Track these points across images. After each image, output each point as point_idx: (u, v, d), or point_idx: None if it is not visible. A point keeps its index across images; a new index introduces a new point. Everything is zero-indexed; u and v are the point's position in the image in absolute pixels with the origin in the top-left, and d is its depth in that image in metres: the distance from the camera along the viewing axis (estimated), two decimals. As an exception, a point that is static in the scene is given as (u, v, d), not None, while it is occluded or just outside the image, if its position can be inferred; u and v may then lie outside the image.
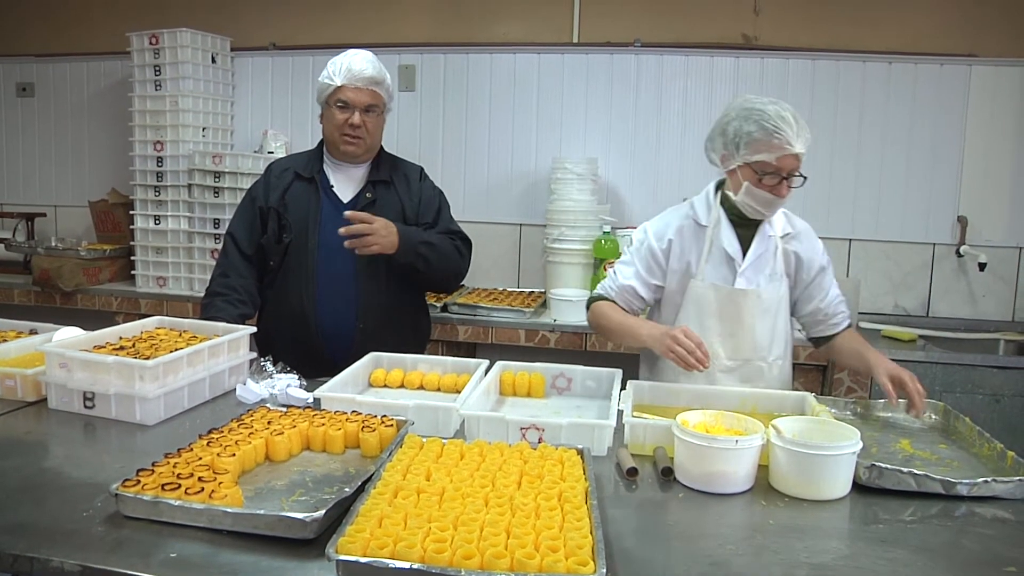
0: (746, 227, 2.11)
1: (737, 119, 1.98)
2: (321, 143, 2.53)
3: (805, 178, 1.99)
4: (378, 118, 2.44)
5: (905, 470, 1.47)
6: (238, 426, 1.58)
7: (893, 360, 1.97)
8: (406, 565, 1.05)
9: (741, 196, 2.01)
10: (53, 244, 3.86)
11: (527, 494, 1.28)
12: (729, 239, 2.10)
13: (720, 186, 2.16)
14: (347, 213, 2.27)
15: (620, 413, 1.70)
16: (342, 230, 2.24)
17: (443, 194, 2.61)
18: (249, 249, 2.46)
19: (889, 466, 1.47)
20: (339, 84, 2.35)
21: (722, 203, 2.13)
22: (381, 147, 2.53)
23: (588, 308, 2.26)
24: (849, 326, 2.21)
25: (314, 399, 1.84)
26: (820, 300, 2.16)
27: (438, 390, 2.04)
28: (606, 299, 2.21)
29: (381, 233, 2.27)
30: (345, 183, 2.47)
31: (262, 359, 2.04)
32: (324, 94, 2.40)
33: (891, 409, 1.95)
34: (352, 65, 2.36)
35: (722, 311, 2.09)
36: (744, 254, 2.10)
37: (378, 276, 2.38)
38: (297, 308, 2.39)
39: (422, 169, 2.60)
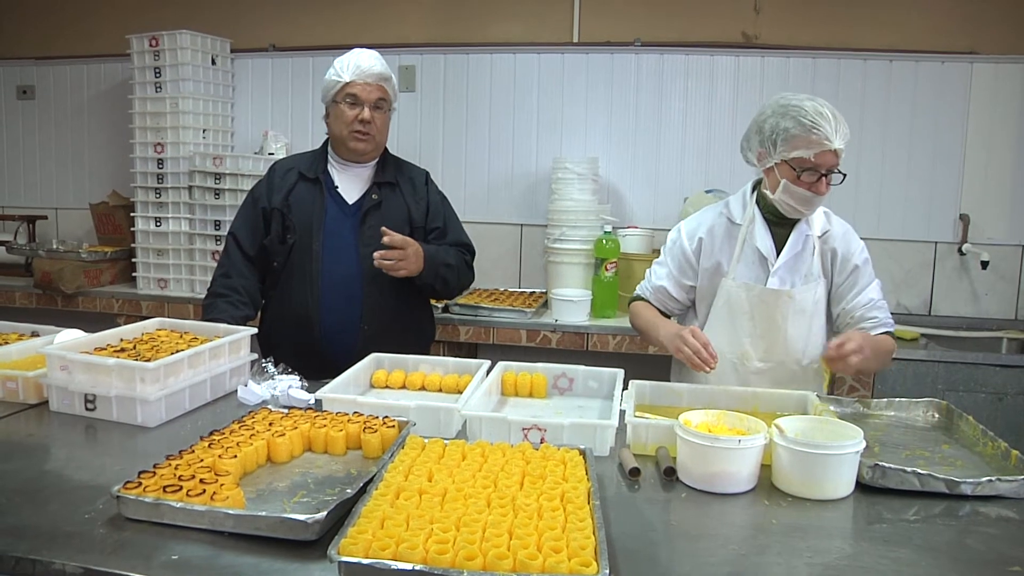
0: (783, 226, 2.09)
1: (774, 116, 1.96)
2: (325, 143, 2.52)
3: (844, 175, 1.97)
4: (386, 115, 2.43)
5: (909, 469, 1.46)
6: (239, 427, 1.58)
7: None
8: (408, 566, 1.05)
9: (779, 194, 1.99)
10: (54, 246, 3.85)
11: (529, 495, 1.27)
12: (763, 238, 2.08)
13: (757, 185, 2.14)
14: (386, 239, 2.27)
15: (622, 413, 1.69)
16: (377, 256, 2.25)
17: (448, 201, 2.61)
18: (251, 250, 2.45)
19: (893, 465, 1.47)
20: (348, 80, 2.35)
21: (758, 202, 2.11)
22: (386, 148, 2.53)
23: (629, 307, 2.30)
24: (887, 335, 2.09)
25: (315, 400, 1.83)
26: (849, 301, 2.10)
27: (439, 391, 2.04)
28: (644, 299, 2.23)
29: (411, 259, 2.30)
30: (350, 184, 2.47)
31: (263, 360, 2.03)
32: (332, 91, 2.39)
33: (894, 408, 1.95)
34: (360, 62, 2.36)
35: (754, 311, 2.08)
36: (778, 254, 2.08)
37: (382, 279, 2.37)
38: (301, 310, 2.39)
39: (428, 173, 2.60)
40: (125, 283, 3.89)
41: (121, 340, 1.98)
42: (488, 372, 2.00)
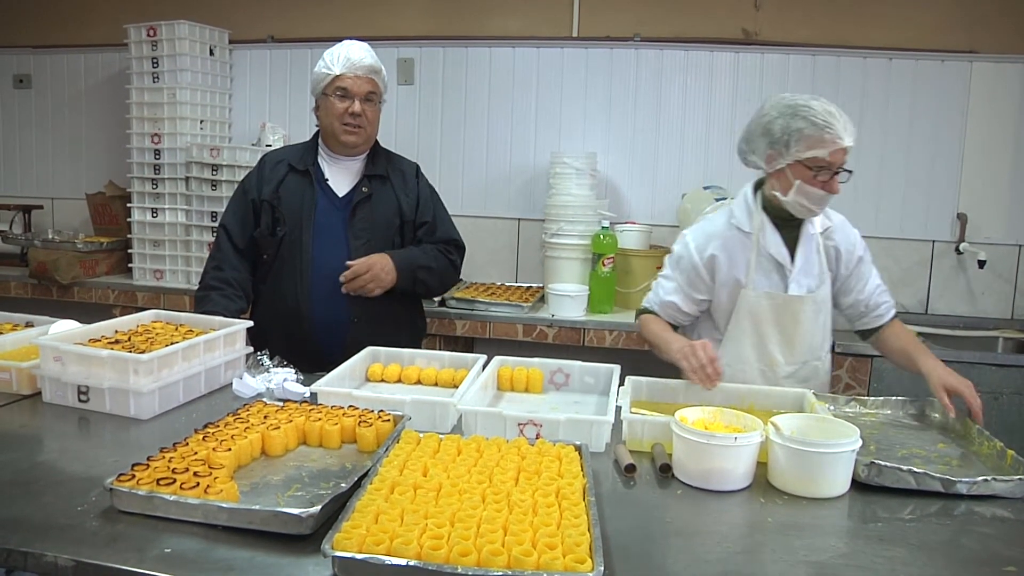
0: (789, 228, 2.09)
1: (782, 117, 1.95)
2: (316, 135, 2.51)
3: (851, 172, 1.97)
4: (376, 108, 2.42)
5: (904, 468, 1.46)
6: (234, 420, 1.57)
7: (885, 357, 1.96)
8: (402, 562, 1.04)
9: (792, 195, 1.98)
10: (50, 236, 3.84)
11: (524, 490, 1.27)
12: (776, 244, 2.07)
13: (757, 188, 2.13)
14: (343, 276, 2.31)
15: (618, 409, 1.69)
16: (344, 286, 2.31)
17: (438, 194, 2.60)
18: (242, 242, 2.44)
19: (889, 464, 1.47)
20: (338, 72, 2.34)
21: (764, 206, 2.10)
22: (376, 141, 2.52)
23: (637, 320, 2.26)
24: (895, 317, 2.16)
25: (311, 393, 1.83)
26: (859, 292, 2.13)
27: (435, 385, 2.03)
28: (650, 312, 2.19)
29: (380, 277, 2.32)
30: (340, 176, 2.46)
31: (259, 353, 2.03)
32: (321, 84, 2.38)
33: (890, 406, 1.95)
34: (350, 54, 2.35)
35: (778, 319, 2.08)
36: (791, 257, 2.08)
37: None
38: (291, 302, 2.38)
39: (418, 167, 2.59)
40: (121, 274, 3.88)
41: (116, 332, 1.98)
42: (484, 367, 2.00)
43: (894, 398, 1.97)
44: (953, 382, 1.85)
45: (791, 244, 2.08)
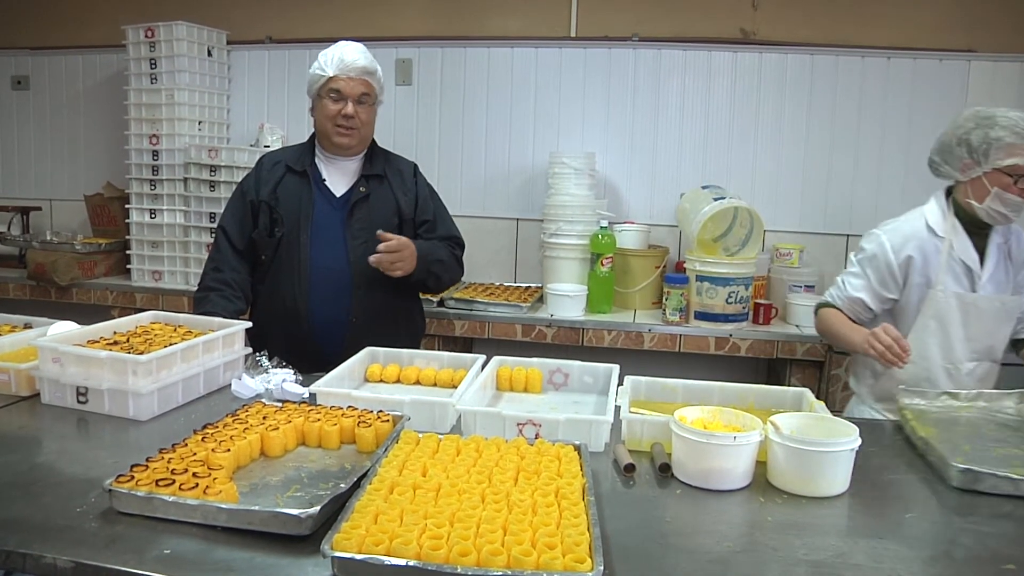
0: (979, 236, 2.15)
1: (979, 128, 2.04)
2: (313, 136, 2.51)
3: None
4: (370, 109, 2.42)
5: (1002, 473, 1.43)
6: (233, 421, 1.57)
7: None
8: (402, 562, 1.04)
9: (989, 203, 2.05)
10: (48, 238, 3.84)
11: (524, 490, 1.27)
12: (965, 249, 2.13)
13: (948, 195, 2.20)
14: (380, 232, 2.28)
15: (617, 409, 1.69)
16: (374, 257, 2.26)
17: (437, 193, 2.60)
18: (241, 243, 2.44)
19: (985, 469, 1.43)
20: (331, 74, 2.34)
21: (956, 213, 2.17)
22: (373, 141, 2.52)
23: (816, 313, 2.34)
24: None
25: (310, 394, 1.83)
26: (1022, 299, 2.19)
27: (434, 385, 2.03)
28: (833, 306, 2.27)
29: (407, 260, 2.31)
30: (338, 177, 2.46)
31: (258, 354, 2.02)
32: (316, 85, 2.38)
33: (984, 399, 1.94)
34: (344, 56, 2.35)
35: (965, 319, 2.13)
36: (980, 262, 2.14)
37: (371, 272, 2.36)
38: (289, 302, 2.38)
39: (416, 166, 2.59)
40: (119, 275, 3.88)
41: (115, 333, 1.97)
42: (483, 367, 1.99)
43: (987, 391, 1.96)
44: None
45: (980, 250, 2.15)
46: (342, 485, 1.28)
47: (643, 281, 3.39)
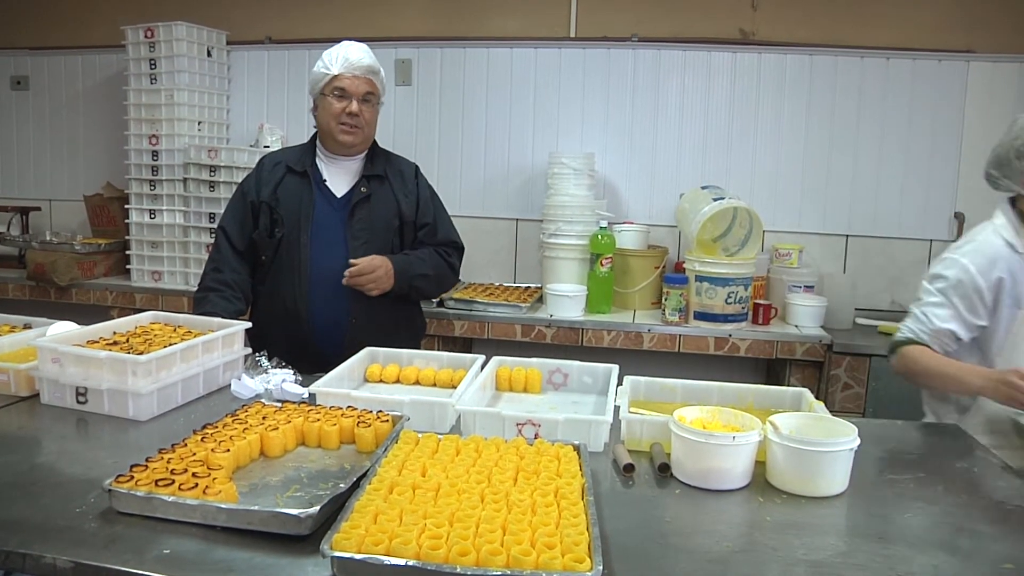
0: None
1: None
2: (314, 137, 2.51)
3: None
4: (374, 108, 2.43)
5: None
6: (232, 421, 1.57)
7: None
8: (401, 562, 1.04)
9: None
10: (48, 238, 3.84)
11: (523, 490, 1.27)
12: None
13: (1012, 207, 2.11)
14: (348, 272, 2.31)
15: (617, 409, 1.69)
16: (345, 278, 2.31)
17: (438, 195, 2.61)
18: (241, 244, 2.45)
19: None
20: (336, 72, 2.34)
21: None
22: (375, 141, 2.52)
23: (893, 352, 2.13)
24: None
25: (309, 394, 1.83)
26: None
27: (434, 385, 2.03)
28: (915, 342, 2.08)
29: (381, 279, 2.33)
30: (338, 177, 2.46)
31: (257, 354, 2.02)
32: (320, 84, 2.38)
33: None
34: (349, 54, 2.35)
35: None
36: None
37: None
38: (289, 303, 2.38)
39: (417, 167, 2.59)
40: (119, 275, 3.88)
41: (114, 333, 1.98)
42: (483, 367, 2.00)
43: None
44: None
45: None
46: (341, 485, 1.28)
47: (642, 281, 3.39)
